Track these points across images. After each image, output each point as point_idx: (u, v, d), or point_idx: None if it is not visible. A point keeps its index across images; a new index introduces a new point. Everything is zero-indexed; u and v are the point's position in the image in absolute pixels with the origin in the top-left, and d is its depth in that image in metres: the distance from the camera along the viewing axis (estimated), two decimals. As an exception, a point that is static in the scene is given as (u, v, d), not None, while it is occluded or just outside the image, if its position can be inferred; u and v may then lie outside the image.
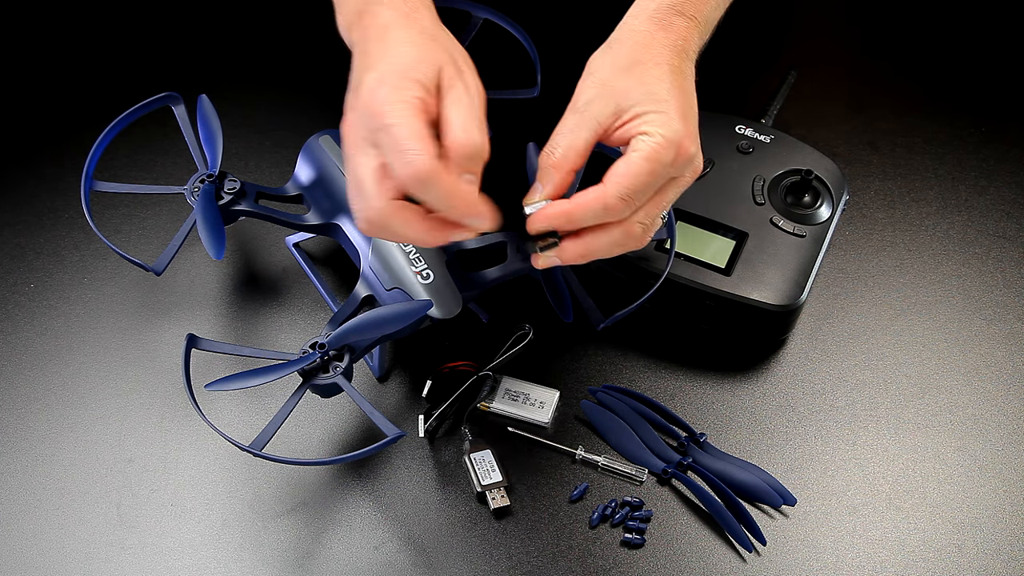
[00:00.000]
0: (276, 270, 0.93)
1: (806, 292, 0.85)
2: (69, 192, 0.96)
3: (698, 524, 0.81)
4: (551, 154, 0.73)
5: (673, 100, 0.72)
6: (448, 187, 0.68)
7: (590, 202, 0.71)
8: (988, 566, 0.80)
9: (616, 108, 0.72)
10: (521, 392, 0.86)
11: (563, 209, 0.72)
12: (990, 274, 0.93)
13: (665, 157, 0.70)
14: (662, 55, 0.73)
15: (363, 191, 0.70)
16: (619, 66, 0.73)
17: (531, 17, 0.95)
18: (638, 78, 0.72)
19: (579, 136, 0.72)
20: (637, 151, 0.71)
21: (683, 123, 0.71)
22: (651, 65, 0.73)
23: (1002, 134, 1.01)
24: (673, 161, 0.71)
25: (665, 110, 0.71)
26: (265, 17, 1.10)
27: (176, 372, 0.81)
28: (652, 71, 0.72)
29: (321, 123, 0.91)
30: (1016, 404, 0.87)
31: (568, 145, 0.72)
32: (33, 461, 0.84)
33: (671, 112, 0.71)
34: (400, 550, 0.80)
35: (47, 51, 1.07)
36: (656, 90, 0.72)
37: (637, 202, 0.71)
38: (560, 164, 0.72)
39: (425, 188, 0.68)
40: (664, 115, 0.71)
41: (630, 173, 0.70)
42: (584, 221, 0.72)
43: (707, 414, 0.86)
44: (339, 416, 0.86)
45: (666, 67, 0.73)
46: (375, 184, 0.69)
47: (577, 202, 0.71)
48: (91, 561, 0.80)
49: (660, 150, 0.70)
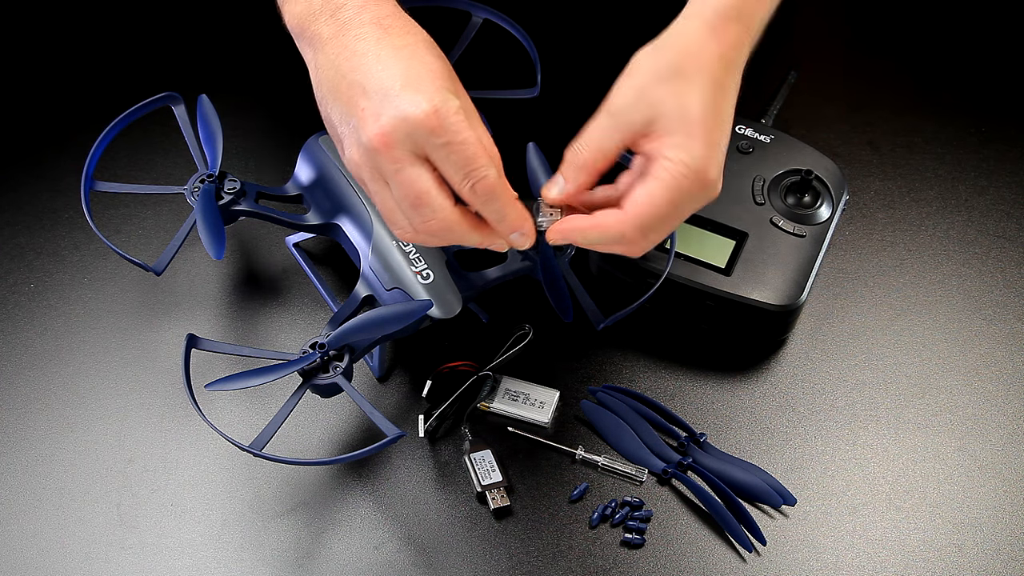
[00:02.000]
0: (276, 270, 0.93)
1: (806, 292, 0.85)
2: (69, 192, 0.96)
3: (698, 524, 0.81)
4: (579, 152, 0.72)
5: (704, 122, 0.69)
6: (508, 202, 0.70)
7: (609, 227, 0.71)
8: (988, 566, 0.80)
9: (648, 119, 0.70)
10: (521, 392, 0.86)
11: (580, 227, 0.72)
12: (990, 274, 0.93)
13: (686, 188, 0.69)
14: (707, 67, 0.70)
15: (429, 203, 0.70)
16: (660, 73, 0.70)
17: (531, 17, 0.95)
18: (676, 90, 0.70)
19: (610, 140, 0.72)
20: (659, 180, 0.69)
21: (708, 149, 0.69)
22: (693, 77, 0.70)
23: (1002, 134, 1.01)
24: (691, 190, 0.69)
25: (693, 133, 0.69)
26: (265, 17, 1.09)
27: (176, 372, 0.81)
28: (692, 84, 0.70)
29: (321, 123, 0.91)
30: (1016, 404, 0.87)
31: (597, 148, 0.72)
32: (33, 461, 0.84)
33: (698, 136, 0.69)
34: (400, 550, 0.80)
35: (47, 51, 1.07)
36: (690, 108, 0.69)
37: (655, 233, 0.71)
38: (587, 165, 0.72)
39: (491, 201, 0.70)
40: (691, 139, 0.69)
41: (651, 203, 0.69)
42: (598, 244, 0.73)
43: (707, 414, 0.86)
44: (339, 416, 0.86)
45: (708, 81, 0.70)
46: (441, 195, 0.70)
47: (596, 224, 0.71)
48: (91, 561, 0.80)
49: (682, 181, 0.69)
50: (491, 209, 0.71)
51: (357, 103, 0.71)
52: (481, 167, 0.69)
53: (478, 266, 0.85)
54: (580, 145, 0.73)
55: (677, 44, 0.72)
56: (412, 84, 0.69)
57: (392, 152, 0.69)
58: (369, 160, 0.71)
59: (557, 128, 0.90)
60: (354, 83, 0.71)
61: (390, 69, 0.70)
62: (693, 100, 0.69)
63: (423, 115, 0.68)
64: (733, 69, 0.71)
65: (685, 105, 0.69)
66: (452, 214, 0.71)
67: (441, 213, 0.70)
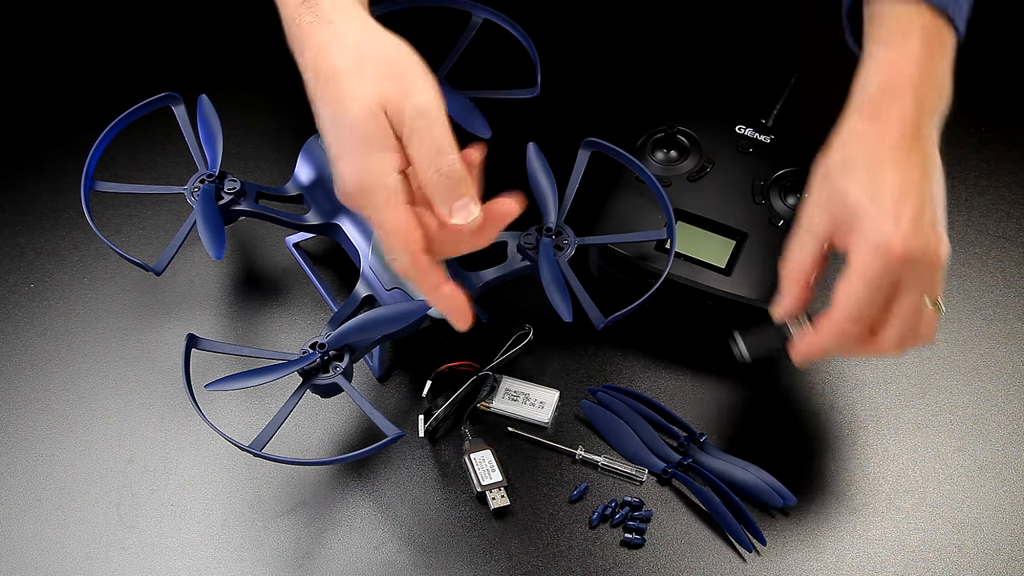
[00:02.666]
0: (276, 270, 0.93)
1: (806, 292, 0.85)
2: (69, 192, 0.96)
3: (698, 524, 0.81)
4: (786, 267, 0.76)
5: (875, 201, 0.70)
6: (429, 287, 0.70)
7: (829, 334, 0.72)
8: (988, 566, 0.80)
9: (832, 220, 0.72)
10: (521, 392, 0.86)
11: (814, 346, 0.74)
12: (990, 274, 0.93)
13: (873, 269, 0.70)
14: (868, 151, 0.72)
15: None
16: (830, 174, 0.73)
17: (531, 17, 0.95)
18: (844, 184, 0.72)
19: (806, 249, 0.74)
20: (850, 270, 0.71)
21: (892, 222, 0.69)
22: (857, 165, 0.72)
23: (1002, 134, 1.01)
24: (884, 269, 0.70)
25: (867, 215, 0.70)
26: (265, 17, 1.09)
27: (176, 372, 0.81)
28: (856, 173, 0.71)
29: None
30: (1016, 404, 0.87)
31: (797, 260, 0.75)
32: (33, 461, 0.84)
33: (872, 217, 0.70)
34: (400, 550, 0.80)
35: (47, 51, 1.07)
36: (858, 195, 0.71)
37: (868, 314, 0.71)
38: (794, 277, 0.75)
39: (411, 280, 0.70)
40: (866, 222, 0.70)
41: (849, 294, 0.71)
42: (833, 350, 0.73)
43: (707, 414, 0.86)
44: (339, 416, 0.86)
45: (873, 164, 0.71)
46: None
47: (816, 337, 0.73)
48: (91, 561, 0.80)
49: (867, 264, 0.70)
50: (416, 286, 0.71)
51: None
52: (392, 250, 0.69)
53: (478, 266, 0.85)
54: (785, 261, 0.75)
55: (841, 141, 0.74)
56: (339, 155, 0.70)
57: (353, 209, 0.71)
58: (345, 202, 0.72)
59: (557, 128, 0.90)
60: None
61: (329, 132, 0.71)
62: (858, 187, 0.71)
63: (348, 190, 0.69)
64: (905, 142, 0.72)
65: (853, 194, 0.71)
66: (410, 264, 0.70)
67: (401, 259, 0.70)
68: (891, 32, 0.74)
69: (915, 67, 0.73)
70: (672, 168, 0.90)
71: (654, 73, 1.05)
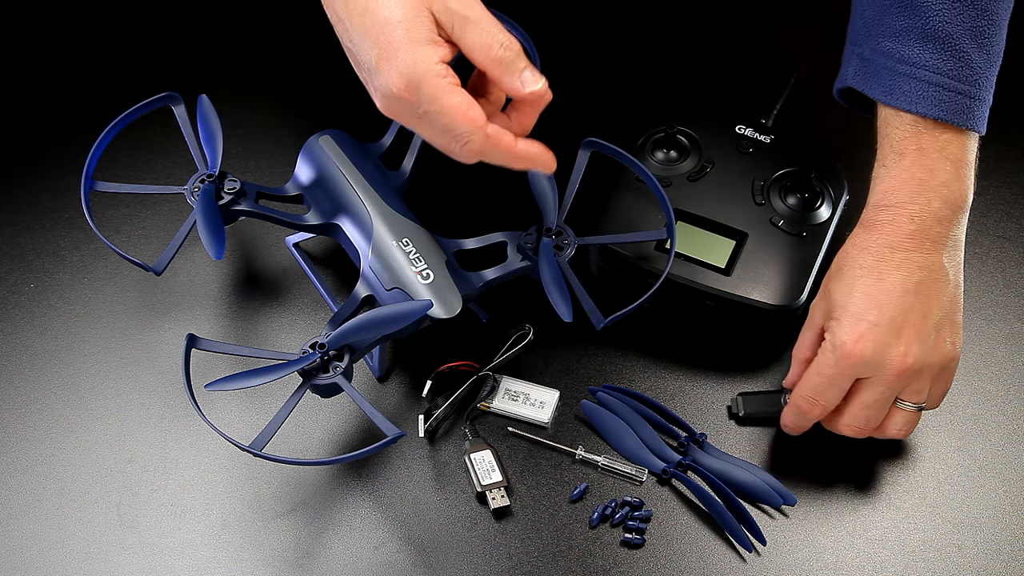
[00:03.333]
0: (276, 270, 0.93)
1: (806, 292, 0.85)
2: (69, 192, 0.96)
3: (698, 524, 0.81)
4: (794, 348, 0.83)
5: (847, 305, 0.77)
6: (506, 150, 0.73)
7: (789, 407, 0.82)
8: (988, 566, 0.80)
9: (823, 315, 0.80)
10: (521, 392, 0.86)
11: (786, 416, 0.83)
12: (990, 274, 0.93)
13: (824, 362, 0.78)
14: (855, 259, 0.78)
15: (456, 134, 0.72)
16: (830, 276, 0.80)
17: (531, 17, 0.95)
18: (833, 285, 0.79)
19: (804, 338, 0.82)
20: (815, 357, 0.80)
21: (851, 326, 0.77)
22: (845, 271, 0.79)
23: (1002, 134, 1.01)
24: (835, 365, 0.77)
25: (837, 316, 0.78)
26: (265, 17, 1.10)
27: (176, 372, 0.81)
28: (843, 278, 0.78)
29: (321, 123, 0.91)
30: (1016, 404, 0.87)
31: (800, 344, 0.82)
32: (33, 461, 0.84)
33: (840, 317, 0.78)
34: (400, 550, 0.80)
35: (47, 51, 1.07)
36: (838, 297, 0.78)
37: (825, 399, 0.79)
38: (797, 357, 0.83)
39: (487, 157, 0.73)
40: (835, 320, 0.78)
41: (804, 379, 0.80)
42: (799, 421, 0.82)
43: (707, 414, 0.86)
44: (339, 416, 0.86)
45: (857, 271, 0.78)
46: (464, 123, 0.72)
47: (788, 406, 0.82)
48: (91, 561, 0.80)
49: (821, 357, 0.78)
50: (494, 159, 0.73)
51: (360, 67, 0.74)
52: (461, 134, 0.71)
53: (478, 266, 0.85)
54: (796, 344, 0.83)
55: (841, 249, 0.81)
56: (385, 55, 0.71)
57: (400, 117, 0.73)
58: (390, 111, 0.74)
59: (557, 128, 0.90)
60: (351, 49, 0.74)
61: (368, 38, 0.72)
62: (840, 290, 0.78)
63: (397, 92, 0.71)
64: (893, 254, 0.77)
65: (835, 296, 0.79)
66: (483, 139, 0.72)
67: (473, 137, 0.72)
68: (888, 153, 0.79)
69: (908, 185, 0.78)
70: (672, 168, 0.90)
71: (654, 73, 1.05)
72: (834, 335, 0.77)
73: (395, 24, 0.71)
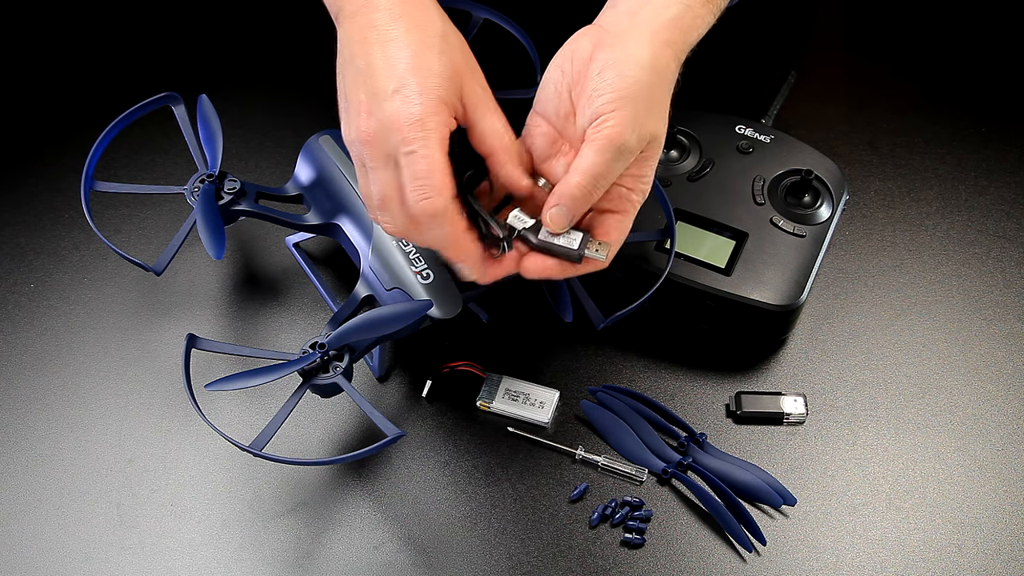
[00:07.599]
0: (276, 270, 0.93)
1: (806, 292, 0.85)
2: (69, 192, 0.96)
3: (698, 524, 0.81)
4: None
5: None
6: (452, 234, 0.72)
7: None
8: (988, 566, 0.80)
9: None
10: (521, 392, 0.86)
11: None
12: (990, 274, 0.93)
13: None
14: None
15: (390, 209, 0.72)
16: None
17: (531, 17, 0.95)
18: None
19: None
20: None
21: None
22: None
23: (1002, 134, 1.01)
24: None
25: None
26: (265, 17, 1.10)
27: (176, 372, 0.81)
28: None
29: (321, 123, 0.91)
30: (1016, 404, 0.87)
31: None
32: (33, 461, 0.84)
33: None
34: (400, 550, 0.80)
35: (47, 51, 1.07)
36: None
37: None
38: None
39: (432, 225, 0.71)
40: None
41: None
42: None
43: (707, 414, 0.86)
44: (339, 416, 0.86)
45: None
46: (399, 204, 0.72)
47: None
48: (91, 561, 0.80)
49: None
50: (433, 234, 0.72)
51: (357, 92, 0.73)
52: (427, 187, 0.70)
53: (478, 266, 0.85)
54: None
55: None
56: (402, 91, 0.70)
57: (372, 150, 0.72)
58: (355, 149, 0.73)
59: (557, 128, 0.89)
60: (358, 72, 0.73)
61: (389, 69, 0.71)
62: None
63: (402, 124, 0.70)
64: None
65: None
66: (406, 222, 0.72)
67: (399, 219, 0.72)
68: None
69: None
70: (672, 168, 0.90)
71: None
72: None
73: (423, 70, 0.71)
